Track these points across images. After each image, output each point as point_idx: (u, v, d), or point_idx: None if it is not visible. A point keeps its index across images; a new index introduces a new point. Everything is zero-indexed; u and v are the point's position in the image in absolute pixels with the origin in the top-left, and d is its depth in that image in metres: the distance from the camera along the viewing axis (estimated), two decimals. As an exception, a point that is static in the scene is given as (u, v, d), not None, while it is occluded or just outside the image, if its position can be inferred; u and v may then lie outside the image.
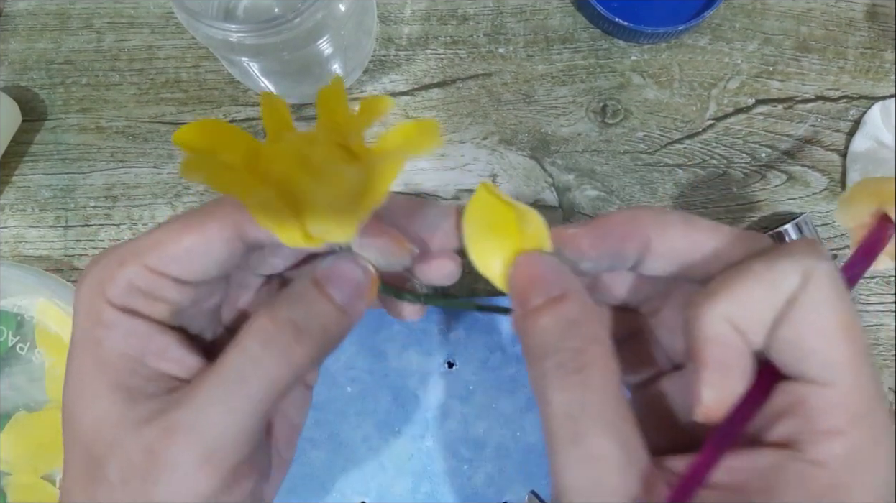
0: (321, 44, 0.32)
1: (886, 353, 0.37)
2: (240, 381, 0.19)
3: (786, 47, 0.39)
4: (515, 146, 0.39)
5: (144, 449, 0.19)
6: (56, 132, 0.39)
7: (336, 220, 0.20)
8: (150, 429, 0.19)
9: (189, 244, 0.21)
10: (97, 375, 0.20)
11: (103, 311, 0.20)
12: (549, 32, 0.39)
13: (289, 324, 0.20)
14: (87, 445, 0.20)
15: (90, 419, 0.20)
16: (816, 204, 0.38)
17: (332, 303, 0.21)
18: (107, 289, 0.20)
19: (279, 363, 0.20)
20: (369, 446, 0.35)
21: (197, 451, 0.19)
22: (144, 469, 0.19)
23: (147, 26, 0.40)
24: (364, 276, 0.22)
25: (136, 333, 0.20)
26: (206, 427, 0.19)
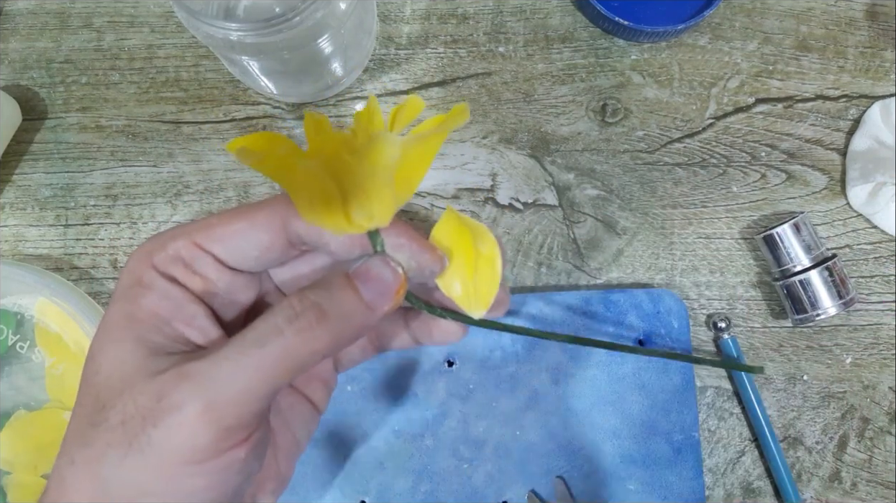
0: (321, 43, 0.32)
1: (886, 352, 0.37)
2: (257, 345, 0.20)
3: (786, 46, 0.39)
4: (515, 145, 0.39)
5: (154, 393, 0.20)
6: (56, 131, 0.39)
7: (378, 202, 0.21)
8: (165, 376, 0.20)
9: (237, 227, 0.23)
10: (124, 327, 0.21)
11: (145, 273, 0.22)
12: (549, 31, 0.39)
13: (314, 306, 0.21)
14: (98, 391, 0.21)
15: (107, 366, 0.21)
16: (816, 203, 0.38)
17: (358, 295, 0.22)
18: (154, 255, 0.22)
19: (298, 339, 0.20)
20: (369, 445, 0.35)
21: (201, 399, 0.20)
22: (148, 410, 0.20)
23: (147, 25, 0.40)
24: (393, 277, 0.23)
25: (169, 297, 0.22)
26: (216, 378, 0.20)
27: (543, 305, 0.36)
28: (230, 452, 0.20)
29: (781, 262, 0.35)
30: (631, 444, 0.35)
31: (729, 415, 0.36)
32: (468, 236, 0.25)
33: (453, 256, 0.25)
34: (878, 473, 0.36)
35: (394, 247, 0.23)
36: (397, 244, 0.23)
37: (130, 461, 0.20)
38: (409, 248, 0.23)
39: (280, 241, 0.23)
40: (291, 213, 0.23)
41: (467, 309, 0.25)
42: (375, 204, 0.21)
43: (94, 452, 0.20)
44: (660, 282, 0.37)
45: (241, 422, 0.20)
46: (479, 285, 0.25)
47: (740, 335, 0.37)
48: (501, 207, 0.38)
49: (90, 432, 0.20)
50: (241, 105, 0.39)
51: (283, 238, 0.23)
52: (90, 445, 0.20)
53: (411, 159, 0.22)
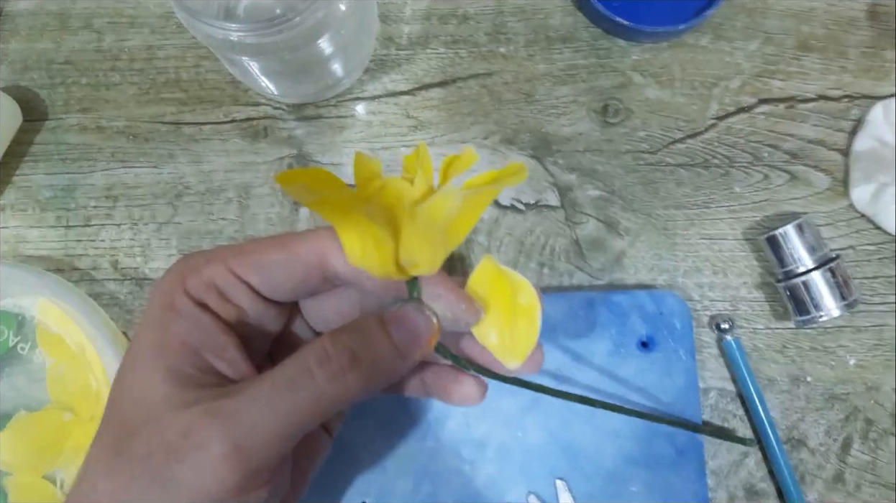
0: (321, 43, 0.32)
1: (889, 354, 0.36)
2: (289, 388, 0.20)
3: (787, 46, 0.39)
4: (517, 146, 0.38)
5: (181, 428, 0.20)
6: (56, 132, 0.39)
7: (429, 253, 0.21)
8: (193, 411, 0.20)
9: (275, 258, 0.22)
10: (155, 355, 0.21)
11: (177, 299, 0.22)
12: (550, 32, 0.39)
13: (346, 351, 0.21)
14: (125, 419, 0.21)
15: (136, 393, 0.21)
16: (819, 204, 0.38)
17: (391, 342, 0.22)
18: (188, 280, 0.22)
19: (330, 385, 0.20)
20: (370, 447, 0.35)
21: (229, 440, 0.19)
22: (174, 446, 0.19)
23: (147, 26, 0.40)
24: (426, 325, 0.22)
25: (201, 326, 0.22)
26: (245, 420, 0.20)
27: (546, 307, 0.36)
28: (252, 494, 0.20)
29: (784, 263, 0.35)
30: (633, 446, 0.35)
31: (732, 417, 0.36)
32: (507, 286, 0.24)
33: (490, 305, 0.24)
34: (881, 475, 0.36)
35: (431, 296, 0.23)
36: (434, 294, 0.23)
37: (153, 495, 0.19)
38: (446, 299, 0.23)
39: (316, 275, 0.23)
40: (331, 249, 0.22)
41: (502, 359, 0.24)
42: (427, 254, 0.21)
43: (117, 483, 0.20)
44: (662, 284, 0.37)
45: (266, 465, 0.20)
46: (517, 336, 0.24)
47: (743, 336, 0.37)
48: (503, 208, 0.38)
49: (115, 461, 0.20)
50: (241, 106, 0.39)
51: (319, 273, 0.23)
52: (114, 474, 0.20)
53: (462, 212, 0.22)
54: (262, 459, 0.20)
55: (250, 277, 0.22)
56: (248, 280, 0.22)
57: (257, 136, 0.39)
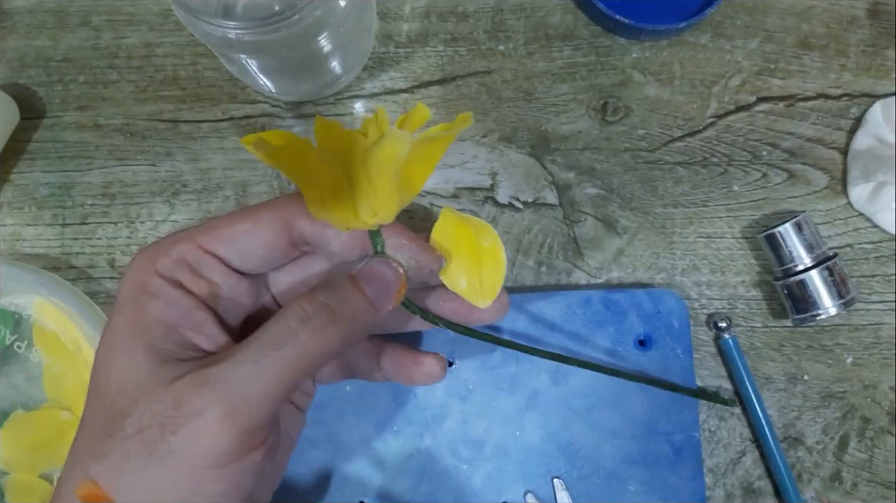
0: (320, 41, 0.32)
1: (887, 352, 0.37)
2: (274, 348, 0.21)
3: (787, 45, 0.39)
4: (515, 144, 0.38)
5: (172, 400, 0.20)
6: (54, 130, 0.39)
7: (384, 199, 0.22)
8: (182, 382, 0.20)
9: (241, 227, 0.23)
10: (133, 336, 0.21)
11: (150, 280, 0.22)
12: (550, 29, 0.39)
13: (325, 308, 0.21)
14: (110, 402, 0.21)
15: (119, 376, 0.21)
16: (818, 202, 0.38)
17: (364, 296, 0.23)
18: (157, 261, 0.22)
19: (312, 339, 0.21)
20: (368, 446, 0.35)
21: (222, 404, 0.20)
22: (167, 417, 0.20)
23: (145, 23, 0.39)
24: (395, 276, 0.23)
25: (176, 304, 0.22)
26: (236, 383, 0.20)
27: (543, 305, 0.36)
28: (249, 455, 0.20)
29: (783, 262, 0.35)
30: (631, 445, 0.35)
31: (729, 416, 0.36)
32: (469, 233, 0.25)
33: (455, 253, 0.25)
34: (878, 473, 0.36)
35: (394, 247, 0.24)
36: (397, 244, 0.24)
37: (151, 470, 0.19)
38: (408, 248, 0.24)
39: (283, 240, 0.23)
40: (295, 213, 0.23)
41: (474, 301, 0.25)
42: (382, 200, 0.22)
43: (110, 463, 0.20)
44: (660, 282, 0.37)
45: (259, 425, 0.20)
46: (485, 277, 0.25)
47: (741, 335, 0.37)
48: (501, 206, 0.38)
49: (105, 443, 0.20)
50: (239, 104, 0.39)
51: (286, 237, 0.23)
52: (106, 456, 0.20)
53: (416, 161, 0.22)
54: (255, 420, 0.20)
55: (219, 250, 0.23)
56: (217, 253, 0.23)
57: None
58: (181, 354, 0.22)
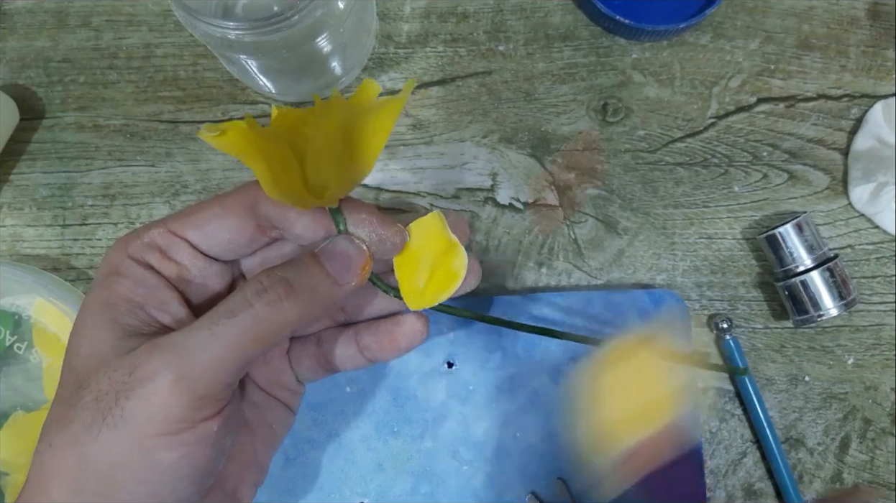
0: (320, 41, 0.32)
1: (888, 353, 0.36)
2: (228, 316, 0.21)
3: (787, 45, 0.39)
4: (516, 144, 0.38)
5: (127, 367, 0.20)
6: (54, 130, 0.39)
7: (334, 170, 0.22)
8: (136, 351, 0.21)
9: (209, 213, 0.23)
10: (100, 313, 0.22)
11: (122, 262, 0.23)
12: (550, 30, 0.39)
13: (282, 281, 0.22)
14: (76, 373, 0.21)
15: (85, 349, 0.22)
16: (818, 203, 0.38)
17: (324, 271, 0.23)
18: (129, 245, 0.23)
19: (267, 310, 0.21)
20: (368, 447, 0.35)
21: (173, 369, 0.20)
22: (121, 384, 0.20)
23: (145, 24, 0.39)
24: (357, 252, 0.24)
25: (144, 283, 0.23)
26: (188, 348, 0.20)
27: (544, 306, 0.36)
28: (203, 424, 0.21)
29: (784, 263, 0.35)
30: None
31: (730, 417, 0.36)
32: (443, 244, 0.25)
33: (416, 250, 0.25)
34: (879, 474, 0.36)
35: (356, 222, 0.24)
36: (359, 219, 0.24)
37: (105, 436, 0.20)
38: (369, 223, 0.24)
39: (250, 224, 0.24)
40: (260, 196, 0.23)
41: (406, 298, 0.26)
42: (332, 172, 0.22)
43: (70, 432, 0.20)
44: (661, 283, 0.37)
45: (212, 393, 0.21)
46: (428, 286, 0.25)
47: (742, 336, 0.37)
48: (501, 207, 0.38)
49: (67, 413, 0.21)
50: (239, 104, 0.39)
51: (252, 221, 0.24)
52: (67, 426, 0.20)
53: (365, 132, 0.23)
54: (207, 386, 0.20)
55: (188, 234, 0.23)
56: (186, 237, 0.23)
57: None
58: (144, 329, 0.22)
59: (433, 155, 0.38)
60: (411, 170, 0.38)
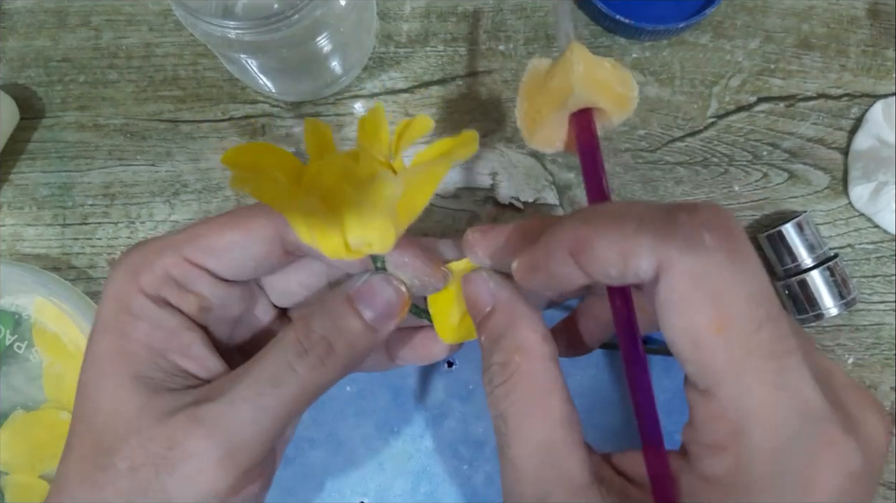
0: (320, 41, 0.32)
1: (888, 352, 0.36)
2: (273, 385, 0.20)
3: (787, 45, 0.39)
4: (516, 144, 0.38)
5: (165, 439, 0.19)
6: (54, 130, 0.39)
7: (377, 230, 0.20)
8: (175, 421, 0.19)
9: (231, 238, 0.21)
10: (119, 364, 0.20)
11: (134, 300, 0.21)
12: (550, 30, 0.39)
13: (321, 341, 0.20)
14: (99, 432, 0.20)
15: (107, 405, 0.20)
16: (818, 202, 0.38)
17: (361, 320, 0.21)
18: (141, 276, 0.21)
19: (311, 374, 0.20)
20: (368, 446, 0.35)
21: (221, 446, 0.19)
22: (161, 457, 0.19)
23: (145, 23, 0.39)
24: (396, 296, 0.22)
25: (162, 326, 0.21)
26: (234, 423, 0.19)
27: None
28: (246, 489, 0.20)
29: (784, 262, 0.35)
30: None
31: (730, 416, 0.36)
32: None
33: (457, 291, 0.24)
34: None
35: (397, 264, 0.22)
36: (399, 262, 0.22)
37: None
38: (412, 267, 0.22)
39: (277, 250, 0.22)
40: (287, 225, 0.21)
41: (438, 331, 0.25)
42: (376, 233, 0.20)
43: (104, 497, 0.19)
44: (661, 282, 0.37)
45: (257, 460, 0.20)
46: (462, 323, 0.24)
47: (742, 335, 0.37)
48: (502, 207, 0.38)
49: (97, 476, 0.20)
50: (239, 104, 0.39)
51: (280, 247, 0.22)
52: (98, 490, 0.19)
53: (414, 186, 0.21)
54: (253, 459, 0.20)
55: (208, 263, 0.21)
56: (206, 266, 0.21)
57: (255, 134, 0.39)
58: (170, 383, 0.21)
59: (433, 154, 0.38)
60: (411, 169, 0.38)
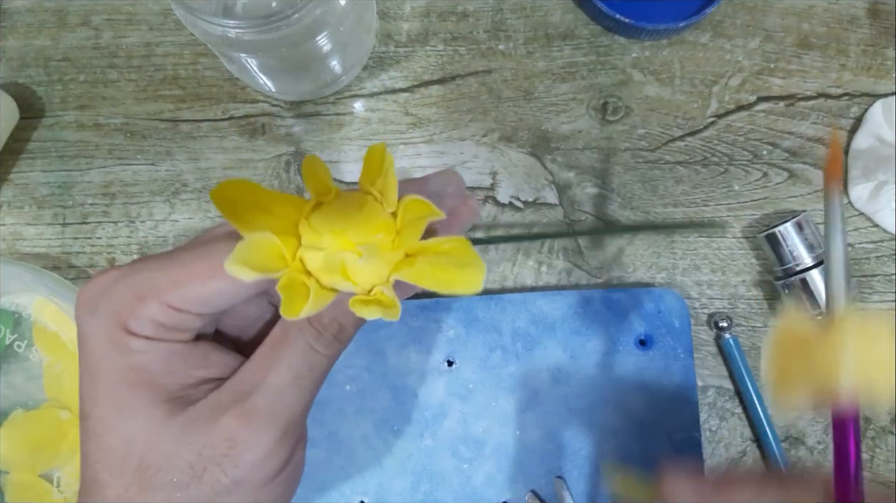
0: (320, 40, 0.32)
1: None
2: (308, 367, 0.22)
3: (787, 44, 0.39)
4: (516, 143, 0.38)
5: (223, 439, 0.21)
6: (54, 129, 0.39)
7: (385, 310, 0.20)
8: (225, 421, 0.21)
9: (217, 286, 0.21)
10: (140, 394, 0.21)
11: (130, 341, 0.21)
12: (550, 29, 0.39)
13: (333, 322, 0.22)
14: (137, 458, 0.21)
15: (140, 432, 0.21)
16: (818, 202, 0.38)
17: None
18: (128, 323, 0.21)
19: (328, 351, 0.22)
20: (368, 445, 0.35)
21: (277, 428, 0.21)
22: (223, 456, 0.21)
23: (145, 23, 0.39)
24: None
25: (174, 353, 0.22)
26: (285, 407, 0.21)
27: (544, 304, 0.36)
28: (296, 454, 0.23)
29: (784, 261, 0.35)
30: (632, 444, 0.35)
31: (730, 415, 0.36)
32: None
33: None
34: (879, 473, 0.36)
35: None
36: None
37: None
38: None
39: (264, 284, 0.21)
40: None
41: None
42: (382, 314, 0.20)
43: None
44: (661, 282, 0.37)
45: (302, 430, 0.23)
46: None
47: (742, 334, 0.37)
48: (501, 206, 0.38)
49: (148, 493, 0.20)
50: (239, 103, 0.39)
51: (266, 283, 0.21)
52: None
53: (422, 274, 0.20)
54: (301, 429, 0.23)
55: (194, 308, 0.21)
56: (191, 311, 0.21)
57: (255, 133, 0.39)
58: (193, 395, 0.22)
59: (433, 153, 0.38)
60: (411, 168, 0.38)
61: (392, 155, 0.21)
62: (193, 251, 0.21)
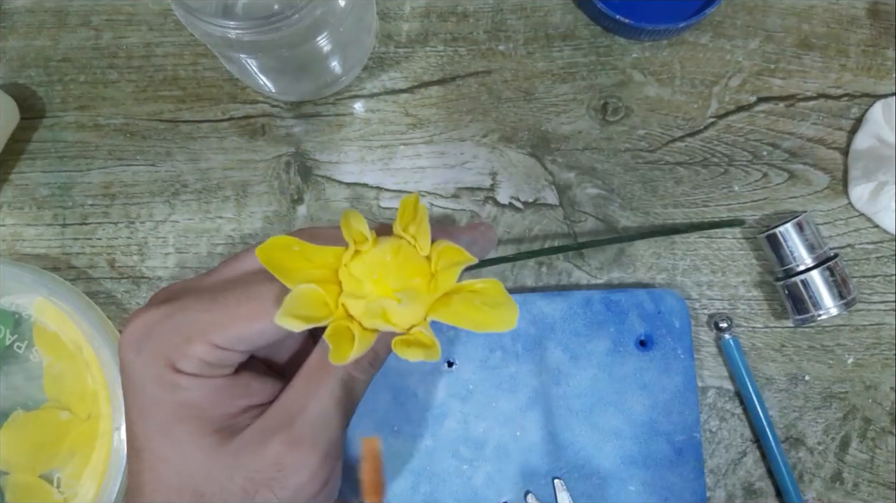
0: (320, 40, 0.32)
1: (888, 352, 0.36)
2: (347, 394, 0.24)
3: (787, 45, 0.39)
4: (515, 144, 0.38)
5: (271, 464, 0.22)
6: (54, 130, 0.39)
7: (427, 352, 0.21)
8: (273, 446, 0.22)
9: (259, 327, 0.22)
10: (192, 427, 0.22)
11: (179, 380, 0.22)
12: (550, 29, 0.39)
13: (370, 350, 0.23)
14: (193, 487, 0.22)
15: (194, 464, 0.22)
16: (818, 202, 0.38)
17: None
18: (177, 363, 0.22)
19: (365, 376, 0.24)
20: (368, 445, 0.35)
21: (321, 451, 0.23)
22: (271, 478, 0.22)
23: (145, 23, 0.39)
24: None
25: (219, 387, 0.23)
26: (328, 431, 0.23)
27: (544, 305, 0.36)
28: (335, 472, 0.24)
29: (784, 262, 0.35)
30: (632, 445, 0.35)
31: (730, 416, 0.36)
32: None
33: None
34: (879, 474, 0.36)
35: None
36: None
37: None
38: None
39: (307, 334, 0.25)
40: None
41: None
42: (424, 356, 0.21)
43: None
44: (661, 282, 0.37)
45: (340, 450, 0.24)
46: None
47: (742, 335, 0.37)
48: (501, 206, 0.38)
49: None
50: (239, 104, 0.39)
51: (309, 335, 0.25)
52: None
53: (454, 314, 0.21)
54: (338, 447, 0.24)
55: (238, 346, 0.22)
56: (237, 349, 0.23)
57: (255, 133, 0.39)
58: (239, 423, 0.23)
59: (433, 154, 0.38)
60: (411, 169, 0.38)
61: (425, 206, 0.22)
62: (235, 292, 0.23)
